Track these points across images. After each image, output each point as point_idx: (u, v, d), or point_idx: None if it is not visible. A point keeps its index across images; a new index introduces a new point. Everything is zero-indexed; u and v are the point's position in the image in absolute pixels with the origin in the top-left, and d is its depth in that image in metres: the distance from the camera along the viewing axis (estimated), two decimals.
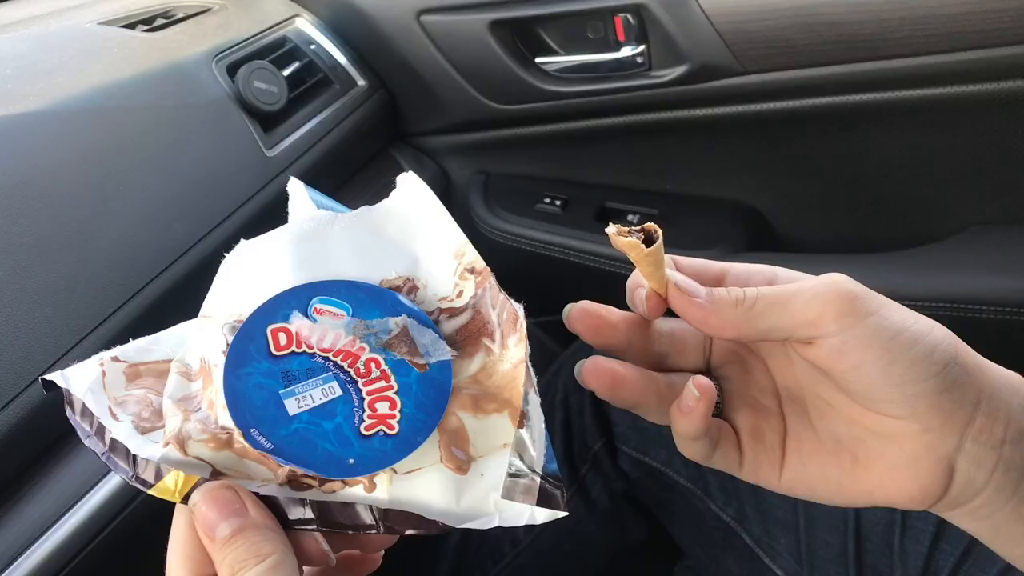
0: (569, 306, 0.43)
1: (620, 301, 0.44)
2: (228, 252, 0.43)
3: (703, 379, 0.41)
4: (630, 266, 0.40)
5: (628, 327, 0.44)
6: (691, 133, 1.04)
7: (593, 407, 0.91)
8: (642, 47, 0.97)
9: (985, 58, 0.78)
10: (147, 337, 0.42)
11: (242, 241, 0.42)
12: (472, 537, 0.94)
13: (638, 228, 0.38)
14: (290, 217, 0.45)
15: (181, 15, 1.06)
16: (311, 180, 0.47)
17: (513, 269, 0.97)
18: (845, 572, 0.74)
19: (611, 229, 0.38)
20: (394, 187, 0.46)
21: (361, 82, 1.14)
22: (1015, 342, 0.84)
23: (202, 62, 0.98)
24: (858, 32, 0.82)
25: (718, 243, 1.04)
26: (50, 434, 0.71)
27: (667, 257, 0.41)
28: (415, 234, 0.44)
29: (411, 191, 0.44)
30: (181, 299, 0.81)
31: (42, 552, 0.67)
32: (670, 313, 0.42)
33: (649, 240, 0.37)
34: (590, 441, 0.91)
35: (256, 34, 1.07)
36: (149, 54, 0.95)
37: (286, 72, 1.04)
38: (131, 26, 1.01)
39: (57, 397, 0.40)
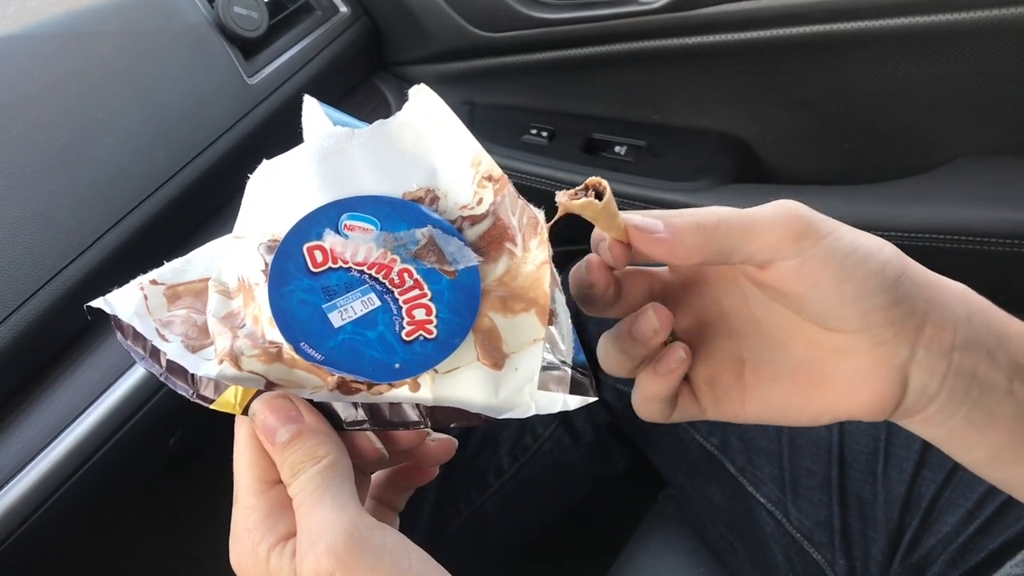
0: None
1: None
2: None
3: (683, 345, 0.43)
4: (618, 198, 0.40)
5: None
6: (679, 63, 1.02)
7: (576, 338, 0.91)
8: None
9: None
10: (179, 259, 0.45)
11: (264, 161, 0.44)
12: (456, 467, 0.95)
13: (582, 188, 0.39)
14: (305, 134, 0.46)
15: None
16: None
17: None
18: (828, 500, 0.75)
19: (561, 197, 0.39)
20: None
21: (343, 9, 1.12)
22: (1001, 273, 0.84)
23: None
24: None
25: (705, 175, 1.03)
26: (32, 364, 0.71)
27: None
28: (431, 145, 0.45)
29: (423, 102, 0.45)
30: (165, 227, 0.81)
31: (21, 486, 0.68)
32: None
33: (598, 196, 0.39)
34: None
35: None
36: None
37: None
38: None
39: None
